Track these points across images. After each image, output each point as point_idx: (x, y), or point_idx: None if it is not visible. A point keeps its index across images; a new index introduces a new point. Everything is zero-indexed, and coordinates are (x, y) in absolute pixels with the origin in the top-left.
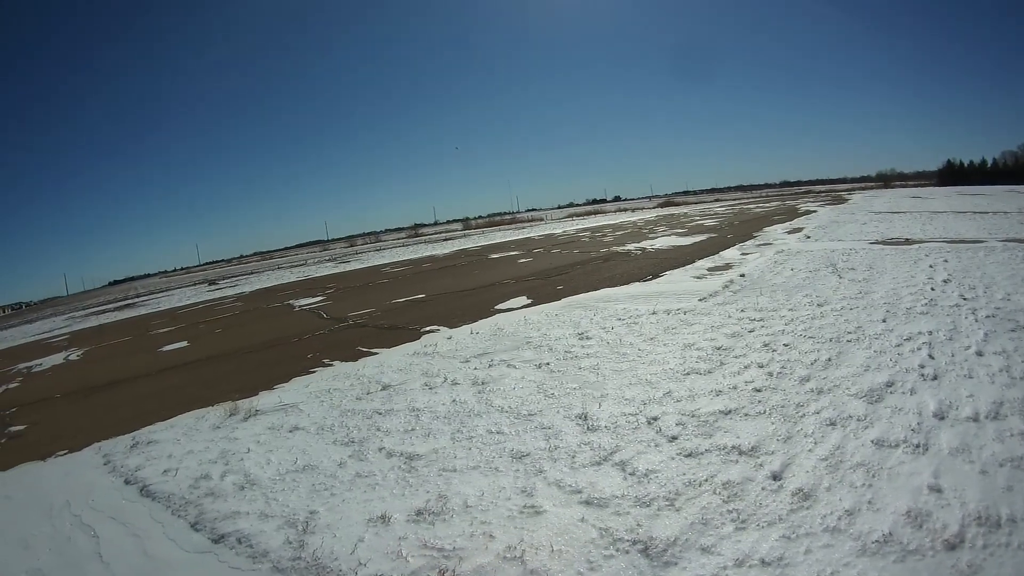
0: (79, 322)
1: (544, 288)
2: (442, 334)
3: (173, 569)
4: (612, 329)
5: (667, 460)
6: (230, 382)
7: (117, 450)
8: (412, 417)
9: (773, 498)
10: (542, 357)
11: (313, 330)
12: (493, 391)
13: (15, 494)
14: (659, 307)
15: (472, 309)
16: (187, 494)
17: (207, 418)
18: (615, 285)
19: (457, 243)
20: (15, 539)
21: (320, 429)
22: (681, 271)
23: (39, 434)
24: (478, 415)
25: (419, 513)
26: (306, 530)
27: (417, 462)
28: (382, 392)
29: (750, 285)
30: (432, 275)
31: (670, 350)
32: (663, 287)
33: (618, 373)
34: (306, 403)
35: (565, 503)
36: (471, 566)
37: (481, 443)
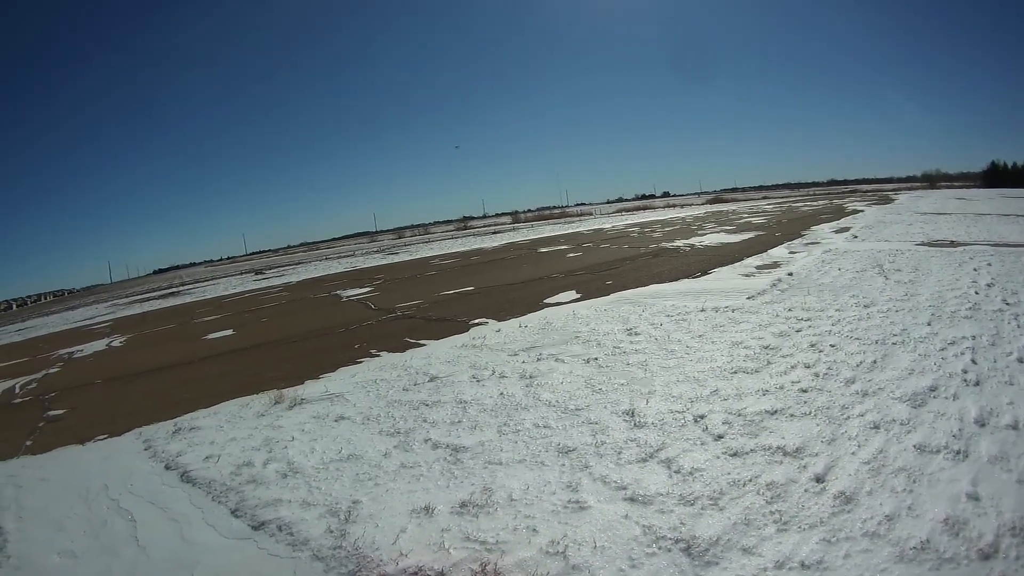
0: (122, 309)
1: (593, 283)
2: (490, 327)
3: (211, 554)
4: (661, 325)
5: (712, 459)
6: (275, 370)
7: (158, 436)
8: (459, 409)
9: (815, 500)
10: (590, 352)
11: (360, 320)
12: (541, 385)
13: (51, 476)
14: (707, 304)
15: (521, 302)
16: (228, 480)
17: (251, 406)
18: (664, 281)
19: (506, 236)
20: (49, 521)
21: (366, 419)
22: (730, 268)
23: (78, 419)
24: (525, 408)
25: (463, 505)
26: (348, 519)
27: (463, 454)
28: (429, 383)
29: (798, 284)
30: (481, 268)
31: (718, 348)
32: (712, 284)
33: (666, 370)
34: (352, 393)
35: (610, 499)
36: (513, 560)
37: (528, 437)
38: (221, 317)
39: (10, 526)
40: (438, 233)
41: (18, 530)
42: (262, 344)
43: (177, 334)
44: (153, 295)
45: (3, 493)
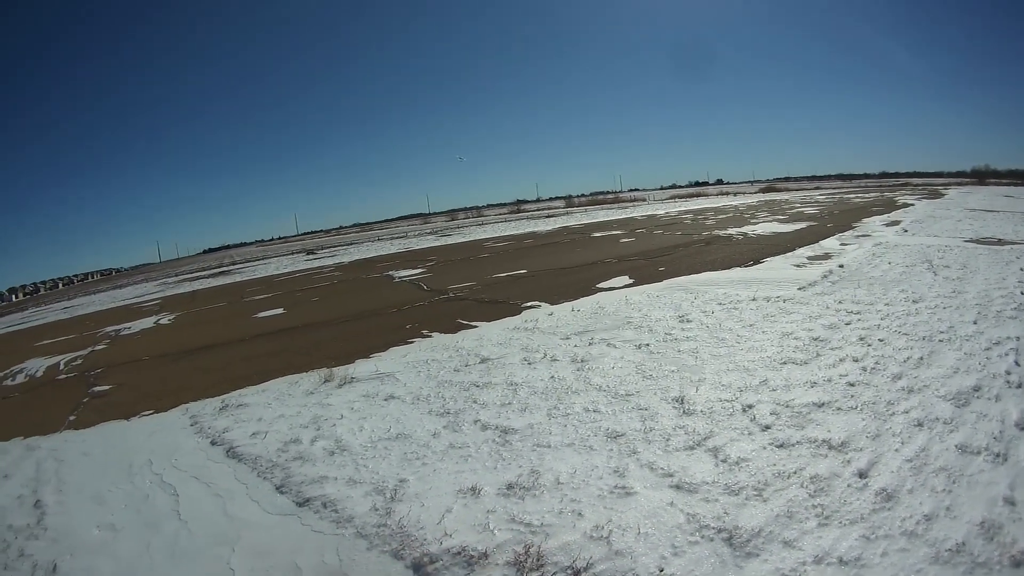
0: (171, 288)
1: (646, 269)
2: (543, 310)
3: (254, 530)
4: (712, 313)
5: (759, 449)
6: (326, 349)
7: (205, 412)
8: (509, 391)
9: (857, 496)
10: (642, 338)
11: (412, 301)
12: (592, 369)
13: (94, 451)
14: (759, 294)
15: (573, 287)
16: (275, 457)
17: (300, 384)
18: (716, 269)
19: (559, 220)
20: (89, 495)
21: (416, 399)
22: (781, 258)
23: (124, 395)
24: (576, 392)
25: (510, 487)
26: (394, 498)
27: (512, 436)
28: (480, 365)
29: (848, 276)
30: (534, 251)
31: (768, 338)
32: (763, 274)
33: (716, 358)
34: (403, 372)
35: (656, 486)
36: (557, 543)
37: (577, 421)
38: (272, 296)
39: (49, 499)
40: (491, 216)
41: (58, 503)
42: (313, 323)
43: (227, 313)
44: (203, 274)
45: (44, 467)
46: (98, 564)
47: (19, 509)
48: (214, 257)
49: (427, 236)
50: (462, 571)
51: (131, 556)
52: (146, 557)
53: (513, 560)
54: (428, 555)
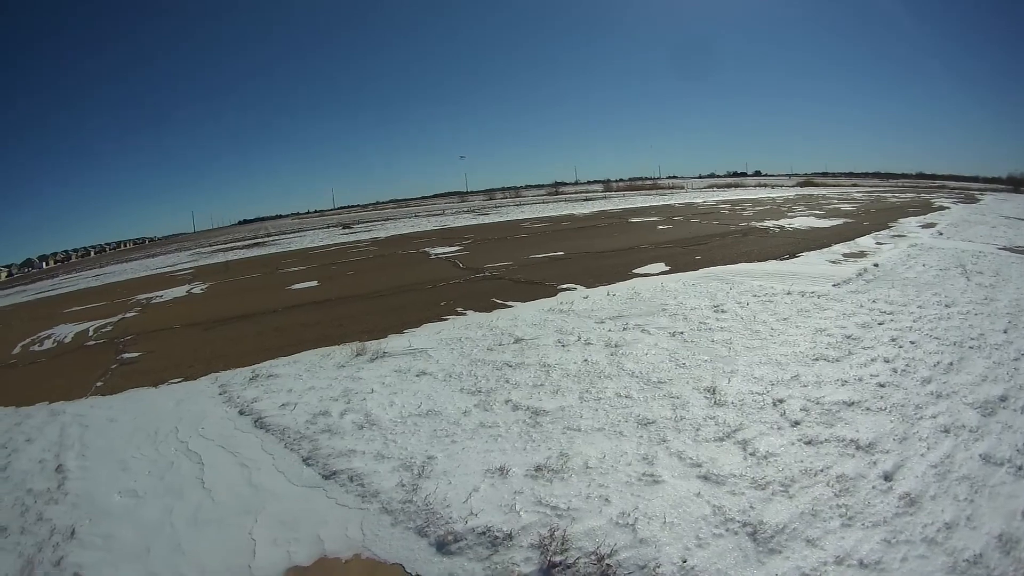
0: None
1: (683, 256)
2: (578, 293)
3: (278, 500)
4: (747, 305)
5: (787, 445)
6: (359, 323)
7: (235, 381)
8: (542, 372)
9: (882, 499)
10: (676, 326)
11: (448, 278)
12: (625, 355)
13: (120, 417)
14: (794, 288)
15: (610, 271)
16: (303, 429)
17: (332, 356)
18: (752, 261)
19: (597, 204)
20: (113, 461)
21: (448, 376)
22: (817, 254)
23: (153, 362)
24: (608, 377)
25: (538, 469)
26: (421, 475)
27: (543, 418)
28: (514, 345)
29: (883, 276)
30: (571, 234)
31: (802, 333)
32: (799, 268)
33: (749, 350)
34: (436, 349)
35: (684, 475)
36: (582, 528)
37: (609, 405)
38: (306, 269)
39: (72, 464)
40: (529, 197)
41: (80, 468)
42: (347, 297)
43: (260, 283)
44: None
45: (68, 432)
46: (118, 530)
47: (40, 473)
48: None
49: (464, 214)
50: (486, 551)
51: (152, 523)
52: (167, 524)
53: (538, 543)
54: (453, 533)
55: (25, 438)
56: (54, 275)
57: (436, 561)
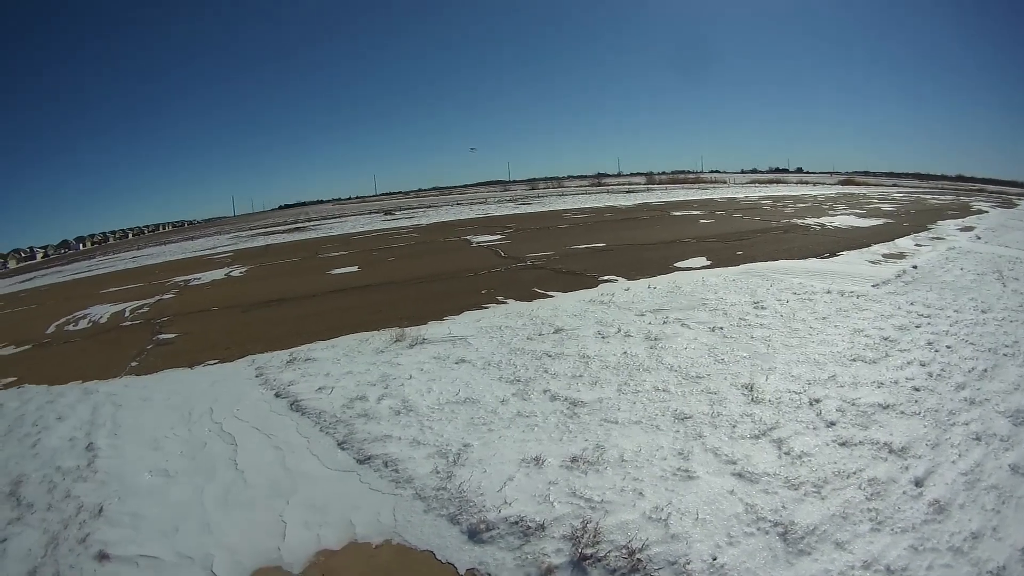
0: (244, 241)
1: (724, 251)
2: (619, 285)
3: (311, 484)
4: (787, 303)
5: (822, 445)
6: (399, 309)
7: (272, 364)
8: (581, 363)
9: (911, 505)
10: (716, 321)
11: (489, 267)
12: (665, 348)
13: (154, 397)
14: (834, 287)
15: (651, 264)
16: (339, 413)
17: (371, 342)
18: (793, 258)
19: (640, 196)
20: (145, 440)
21: (487, 364)
22: (857, 253)
23: (190, 343)
24: (647, 370)
25: (574, 460)
26: (456, 462)
27: (580, 409)
28: (554, 335)
29: (921, 278)
30: (613, 225)
31: (840, 333)
32: (839, 267)
33: (788, 348)
34: (475, 337)
35: (718, 472)
36: (615, 521)
37: (646, 399)
38: (347, 254)
39: (102, 443)
40: (572, 187)
41: (111, 447)
42: (387, 283)
43: (300, 268)
44: (278, 229)
45: (100, 411)
46: (146, 509)
47: (70, 451)
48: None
49: (506, 203)
50: (517, 541)
51: (182, 502)
52: (197, 504)
53: (570, 534)
54: (485, 522)
55: (56, 416)
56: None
57: (467, 549)
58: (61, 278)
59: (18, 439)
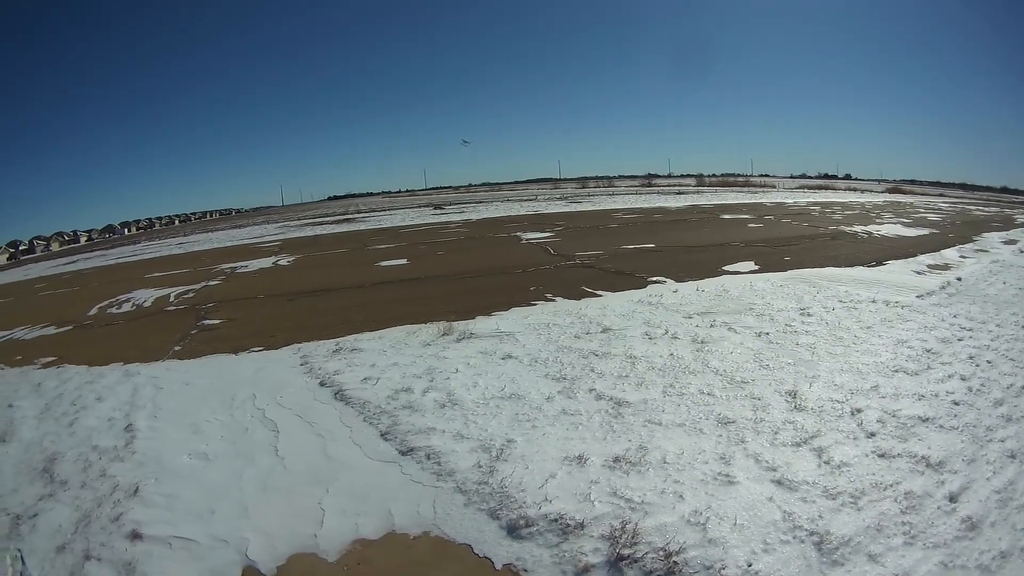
0: (292, 231)
1: (772, 256)
2: (668, 286)
3: (351, 473)
4: (833, 310)
5: (861, 456)
6: (447, 303)
7: (318, 353)
8: (628, 364)
9: (944, 520)
10: (763, 326)
11: (538, 264)
12: (711, 352)
13: (196, 381)
14: (879, 296)
15: (700, 266)
16: (384, 404)
17: (418, 334)
18: (840, 266)
19: (689, 198)
20: (185, 424)
21: (533, 361)
22: (903, 263)
23: (234, 330)
24: (692, 373)
25: (616, 460)
26: (499, 457)
27: (625, 409)
28: (602, 334)
29: (964, 291)
30: (663, 226)
31: (884, 343)
32: (884, 276)
33: (832, 356)
34: (523, 333)
35: (758, 478)
36: (654, 523)
37: (691, 402)
38: (396, 247)
39: (141, 424)
40: (622, 187)
41: (151, 428)
42: (436, 276)
43: (348, 259)
44: (326, 220)
45: (141, 393)
46: (183, 490)
47: (108, 431)
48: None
49: (556, 201)
50: (556, 539)
51: (219, 485)
52: (235, 488)
53: (608, 534)
54: (525, 518)
55: (96, 396)
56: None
57: (505, 544)
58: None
59: (55, 418)
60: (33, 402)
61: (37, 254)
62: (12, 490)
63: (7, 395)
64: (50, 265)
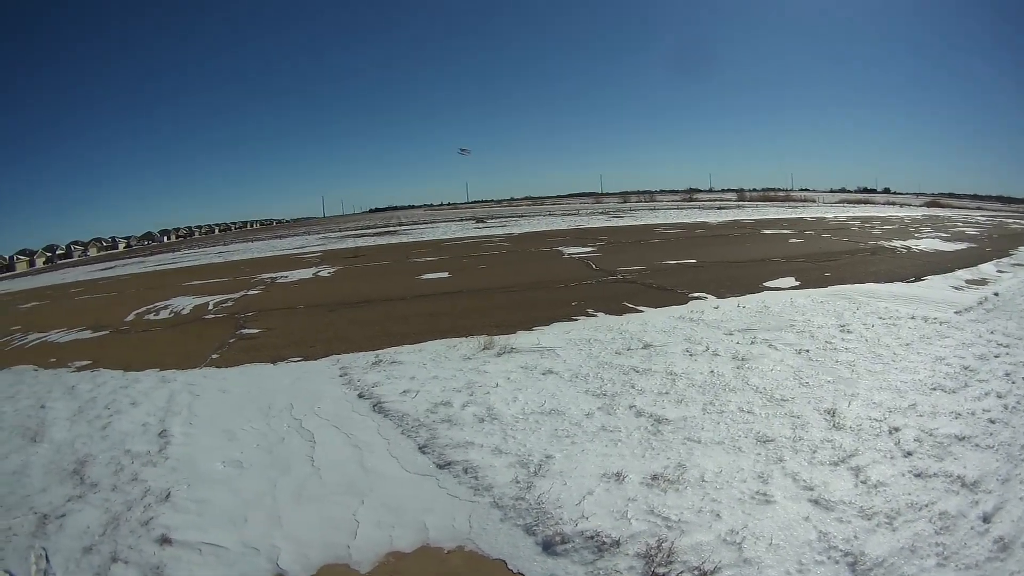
0: (333, 242)
1: (812, 272)
2: (709, 302)
3: (387, 485)
4: (872, 327)
5: (898, 476)
6: (488, 317)
7: (357, 365)
8: (668, 381)
9: (977, 541)
10: (803, 343)
11: (580, 279)
12: (751, 369)
13: (233, 389)
14: (918, 312)
15: (740, 282)
16: (422, 417)
17: (459, 348)
18: (879, 281)
19: (730, 213)
20: (220, 431)
21: (574, 376)
22: (941, 278)
23: (273, 339)
24: (732, 390)
25: (654, 478)
26: (537, 473)
27: (664, 426)
28: (642, 350)
29: (1002, 306)
30: (704, 242)
31: (922, 360)
32: (923, 292)
33: (871, 374)
34: (564, 349)
35: (795, 498)
36: (690, 542)
37: (730, 419)
38: (437, 260)
39: (176, 430)
40: (664, 202)
41: (185, 435)
42: (478, 290)
43: (390, 271)
44: (368, 232)
45: (176, 399)
46: (216, 497)
47: (141, 436)
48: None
49: (599, 215)
50: (591, 556)
51: (253, 494)
52: (269, 496)
53: (644, 552)
54: (560, 535)
55: (130, 401)
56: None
57: (540, 561)
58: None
59: (88, 420)
60: (66, 404)
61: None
62: (41, 490)
63: (40, 396)
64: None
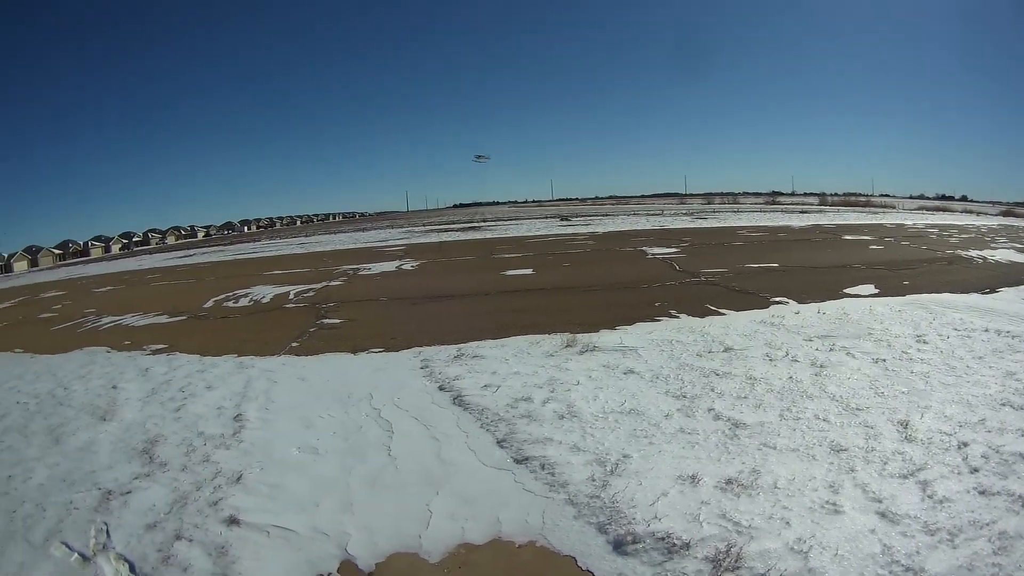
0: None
1: (891, 280)
2: (790, 307)
3: (463, 477)
4: (948, 338)
5: (963, 492)
6: (572, 315)
7: (438, 358)
8: (747, 385)
9: None
10: (880, 352)
11: (663, 279)
12: (829, 376)
13: (311, 378)
14: (991, 325)
15: (821, 287)
16: (502, 412)
17: (541, 344)
18: (955, 291)
19: (812, 217)
20: (296, 417)
21: (655, 377)
22: (1015, 291)
23: (354, 330)
24: (810, 397)
25: (728, 482)
26: (613, 472)
27: (741, 431)
28: (723, 353)
29: None
30: (786, 246)
31: (993, 375)
32: (996, 304)
33: (944, 387)
34: (646, 349)
35: (864, 509)
36: (758, 548)
37: (806, 427)
38: (521, 256)
39: (251, 415)
40: (746, 204)
41: (260, 420)
42: (561, 287)
43: (473, 266)
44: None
45: (253, 385)
46: (289, 481)
47: (216, 419)
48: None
49: (682, 216)
50: (660, 557)
51: (327, 480)
52: (343, 483)
53: (712, 556)
54: (632, 535)
55: (206, 385)
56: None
57: (609, 559)
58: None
59: (160, 402)
60: (139, 385)
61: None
62: (107, 467)
63: (112, 377)
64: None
